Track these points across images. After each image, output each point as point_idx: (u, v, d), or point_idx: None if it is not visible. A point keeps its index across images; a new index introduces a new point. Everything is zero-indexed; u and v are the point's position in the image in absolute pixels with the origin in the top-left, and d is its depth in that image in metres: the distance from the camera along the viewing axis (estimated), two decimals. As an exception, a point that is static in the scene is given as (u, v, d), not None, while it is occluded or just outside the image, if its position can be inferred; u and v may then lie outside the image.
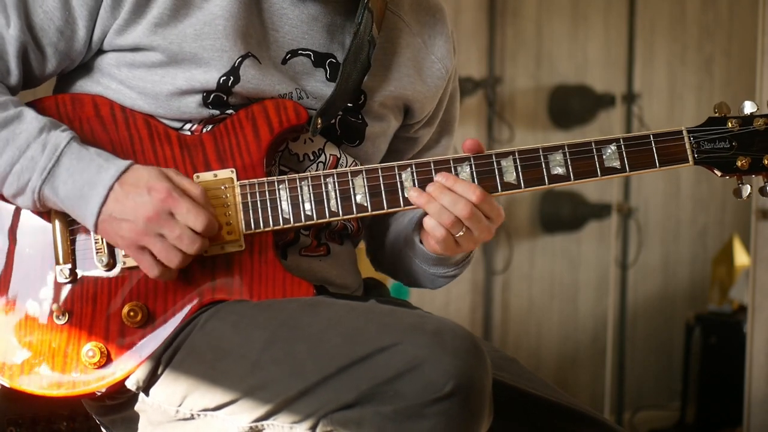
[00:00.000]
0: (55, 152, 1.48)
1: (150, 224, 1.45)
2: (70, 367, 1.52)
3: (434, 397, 1.30)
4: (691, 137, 1.57)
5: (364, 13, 1.59)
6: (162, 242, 1.46)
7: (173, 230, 1.45)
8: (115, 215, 1.46)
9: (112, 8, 1.53)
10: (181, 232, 1.45)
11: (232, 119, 1.57)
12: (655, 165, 1.57)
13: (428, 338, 1.33)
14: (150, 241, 1.46)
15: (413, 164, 1.56)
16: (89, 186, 1.47)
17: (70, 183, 1.47)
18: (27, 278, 1.54)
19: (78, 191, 1.47)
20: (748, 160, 1.57)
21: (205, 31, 1.54)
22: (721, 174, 1.58)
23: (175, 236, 1.46)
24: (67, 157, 1.48)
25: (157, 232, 1.46)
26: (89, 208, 1.47)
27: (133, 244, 1.47)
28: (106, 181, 1.47)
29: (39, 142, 1.48)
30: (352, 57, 1.59)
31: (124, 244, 1.48)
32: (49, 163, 1.47)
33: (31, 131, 1.48)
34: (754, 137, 1.57)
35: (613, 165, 1.56)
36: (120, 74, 1.57)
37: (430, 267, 1.67)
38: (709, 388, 4.19)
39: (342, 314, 1.43)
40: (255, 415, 1.42)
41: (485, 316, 4.24)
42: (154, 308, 1.53)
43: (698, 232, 4.78)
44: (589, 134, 4.31)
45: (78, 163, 1.48)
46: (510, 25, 4.23)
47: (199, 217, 1.46)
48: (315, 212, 1.54)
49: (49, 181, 1.47)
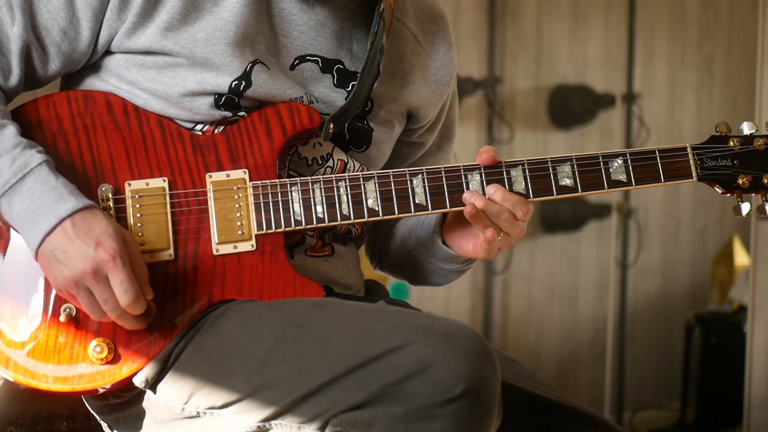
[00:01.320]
0: (23, 170, 1.47)
1: (84, 277, 1.45)
2: (77, 363, 1.52)
3: (445, 398, 1.30)
4: (695, 154, 1.61)
5: (380, 21, 1.60)
6: (89, 297, 1.46)
7: (102, 293, 1.45)
8: (56, 254, 1.45)
9: (118, 11, 1.54)
10: (108, 297, 1.45)
11: (245, 121, 1.58)
12: (660, 180, 1.61)
13: (438, 339, 1.33)
14: (79, 292, 1.46)
15: (424, 171, 1.57)
16: (42, 211, 1.46)
17: (26, 203, 1.46)
18: (34, 273, 1.53)
19: (31, 213, 1.46)
20: (749, 179, 1.62)
21: (216, 37, 1.55)
22: (722, 191, 1.63)
23: (102, 299, 1.46)
24: (33, 178, 1.47)
25: (87, 288, 1.46)
26: (35, 233, 1.46)
27: (63, 290, 1.47)
28: (59, 213, 1.46)
29: (10, 157, 1.47)
30: (369, 65, 1.61)
31: (56, 285, 1.48)
32: (13, 179, 1.47)
33: (6, 145, 1.48)
34: (754, 157, 1.62)
35: (620, 178, 1.59)
36: (130, 75, 1.57)
37: (446, 263, 1.69)
38: (709, 388, 4.20)
39: (351, 314, 1.43)
40: (262, 414, 1.42)
41: (485, 316, 4.25)
42: (163, 306, 1.53)
43: (698, 232, 4.79)
44: (589, 134, 4.31)
45: (42, 186, 1.47)
46: (510, 25, 4.24)
47: (127, 293, 1.45)
48: (327, 215, 1.55)
49: (8, 195, 1.47)
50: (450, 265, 1.70)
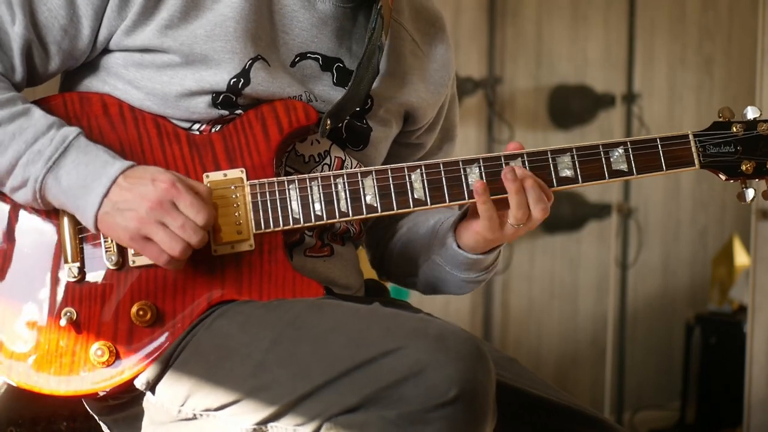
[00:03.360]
0: (63, 143, 1.48)
1: (152, 212, 1.44)
2: (79, 366, 1.52)
3: (438, 403, 1.30)
4: (697, 141, 1.58)
5: (377, 18, 1.60)
6: (165, 230, 1.45)
7: (176, 219, 1.45)
8: (119, 206, 1.46)
9: (119, 9, 1.53)
10: (184, 221, 1.45)
11: (242, 119, 1.57)
12: (662, 168, 1.58)
13: (431, 342, 1.33)
14: (152, 229, 1.45)
15: (422, 165, 1.56)
16: (93, 177, 1.46)
17: (74, 174, 1.47)
18: (34, 277, 1.54)
19: (81, 181, 1.47)
20: (752, 164, 1.59)
21: (216, 33, 1.54)
22: (725, 178, 1.60)
23: (177, 225, 1.45)
24: (74, 148, 1.48)
25: (159, 221, 1.45)
26: (90, 199, 1.46)
27: (135, 234, 1.46)
28: (111, 174, 1.47)
29: (47, 137, 1.48)
30: (366, 62, 1.60)
31: (126, 235, 1.47)
32: (56, 154, 1.47)
33: (39, 127, 1.48)
34: (758, 142, 1.59)
35: (621, 168, 1.57)
36: (128, 74, 1.57)
37: (461, 272, 1.66)
38: (709, 388, 4.19)
39: (346, 316, 1.43)
40: (258, 417, 1.42)
41: (485, 316, 4.24)
42: (163, 308, 1.53)
43: (698, 232, 4.79)
44: (589, 134, 4.31)
45: (84, 156, 1.48)
46: (510, 25, 4.23)
47: (201, 212, 1.46)
48: (325, 212, 1.55)
49: (54, 170, 1.47)
50: (464, 274, 1.66)
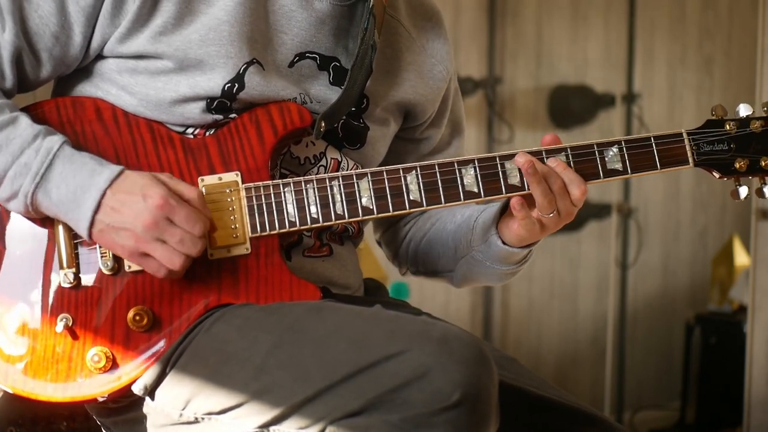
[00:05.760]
0: (48, 156, 1.47)
1: (149, 231, 1.45)
2: (75, 373, 1.51)
3: (442, 406, 1.30)
4: (691, 139, 1.59)
5: (369, 18, 1.60)
6: (163, 247, 1.46)
7: (174, 235, 1.45)
8: (113, 224, 1.45)
9: (112, 16, 1.52)
10: (182, 236, 1.45)
11: (236, 122, 1.57)
12: (657, 167, 1.58)
13: (435, 346, 1.32)
14: (151, 247, 1.45)
15: (418, 167, 1.56)
16: (82, 190, 1.46)
17: (63, 187, 1.46)
18: (29, 283, 1.53)
19: (71, 195, 1.46)
20: (746, 162, 1.59)
21: (210, 37, 1.54)
22: (719, 176, 1.60)
23: (176, 240, 1.45)
24: (60, 160, 1.47)
25: (157, 238, 1.45)
26: (82, 213, 1.46)
27: (134, 252, 1.46)
28: (99, 185, 1.46)
29: (33, 148, 1.47)
30: (359, 62, 1.60)
31: (125, 252, 1.47)
32: (42, 168, 1.46)
33: (26, 137, 1.47)
34: (750, 140, 1.60)
35: (616, 167, 1.57)
36: (122, 80, 1.56)
37: (503, 266, 1.65)
38: (709, 388, 4.19)
39: (348, 319, 1.43)
40: (260, 420, 1.41)
41: (485, 316, 4.24)
42: (160, 312, 1.52)
43: (698, 233, 4.78)
44: (589, 134, 4.31)
45: (70, 166, 1.47)
46: (510, 25, 4.23)
47: (197, 224, 1.46)
48: (321, 215, 1.54)
49: (42, 185, 1.47)
50: (505, 267, 1.65)
